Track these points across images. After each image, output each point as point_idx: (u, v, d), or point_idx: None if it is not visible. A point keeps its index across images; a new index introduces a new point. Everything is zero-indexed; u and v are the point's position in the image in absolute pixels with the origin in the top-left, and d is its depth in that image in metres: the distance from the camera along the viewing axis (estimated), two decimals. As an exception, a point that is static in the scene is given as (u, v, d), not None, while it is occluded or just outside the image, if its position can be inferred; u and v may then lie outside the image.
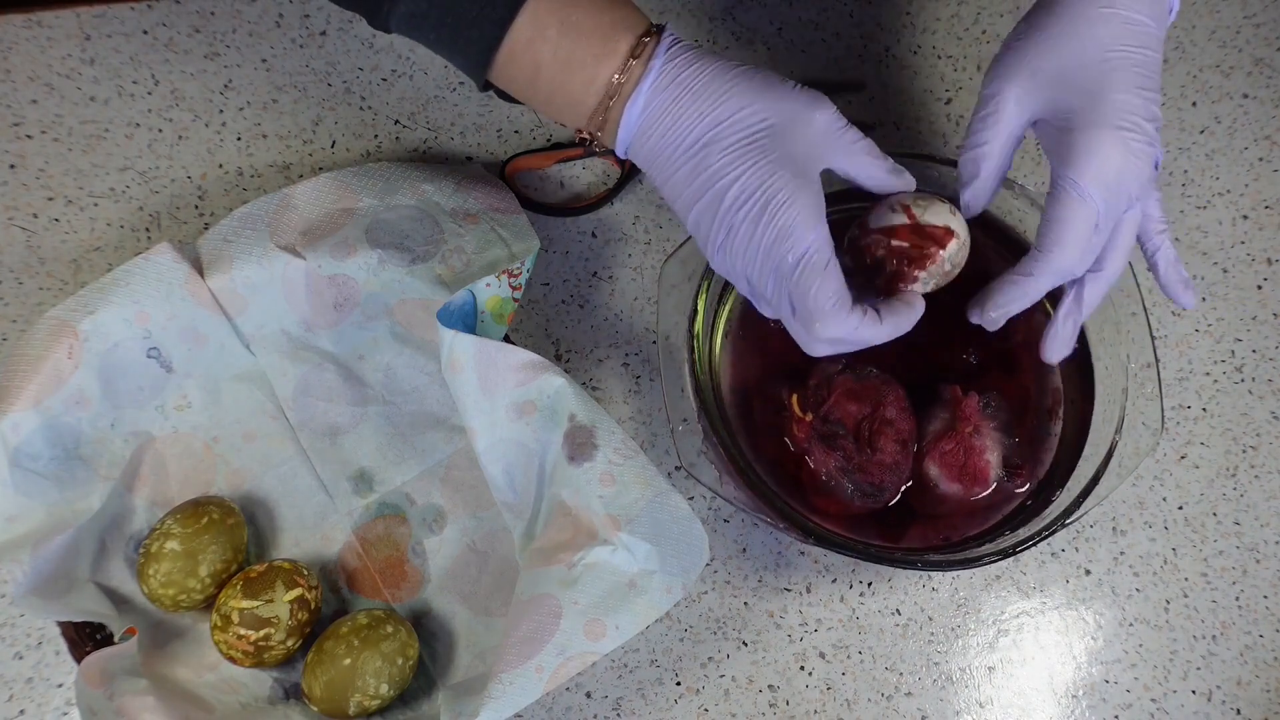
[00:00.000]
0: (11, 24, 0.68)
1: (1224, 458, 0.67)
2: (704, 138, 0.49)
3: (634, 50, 0.50)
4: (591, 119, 0.51)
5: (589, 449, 0.55)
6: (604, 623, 0.52)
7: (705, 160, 0.49)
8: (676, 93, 0.49)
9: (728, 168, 0.49)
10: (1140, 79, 0.51)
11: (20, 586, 0.53)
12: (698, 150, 0.49)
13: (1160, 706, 0.62)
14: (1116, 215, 0.51)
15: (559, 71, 0.50)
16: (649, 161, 0.51)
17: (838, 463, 0.58)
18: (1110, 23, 0.51)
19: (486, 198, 0.65)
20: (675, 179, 0.50)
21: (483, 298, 0.59)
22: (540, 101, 0.52)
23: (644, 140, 0.50)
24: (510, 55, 0.50)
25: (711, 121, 0.49)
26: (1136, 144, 0.50)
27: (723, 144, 0.49)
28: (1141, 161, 0.50)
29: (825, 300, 0.48)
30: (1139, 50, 0.51)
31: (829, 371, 0.60)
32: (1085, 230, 0.50)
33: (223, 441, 0.61)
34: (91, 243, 0.66)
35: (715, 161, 0.49)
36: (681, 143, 0.49)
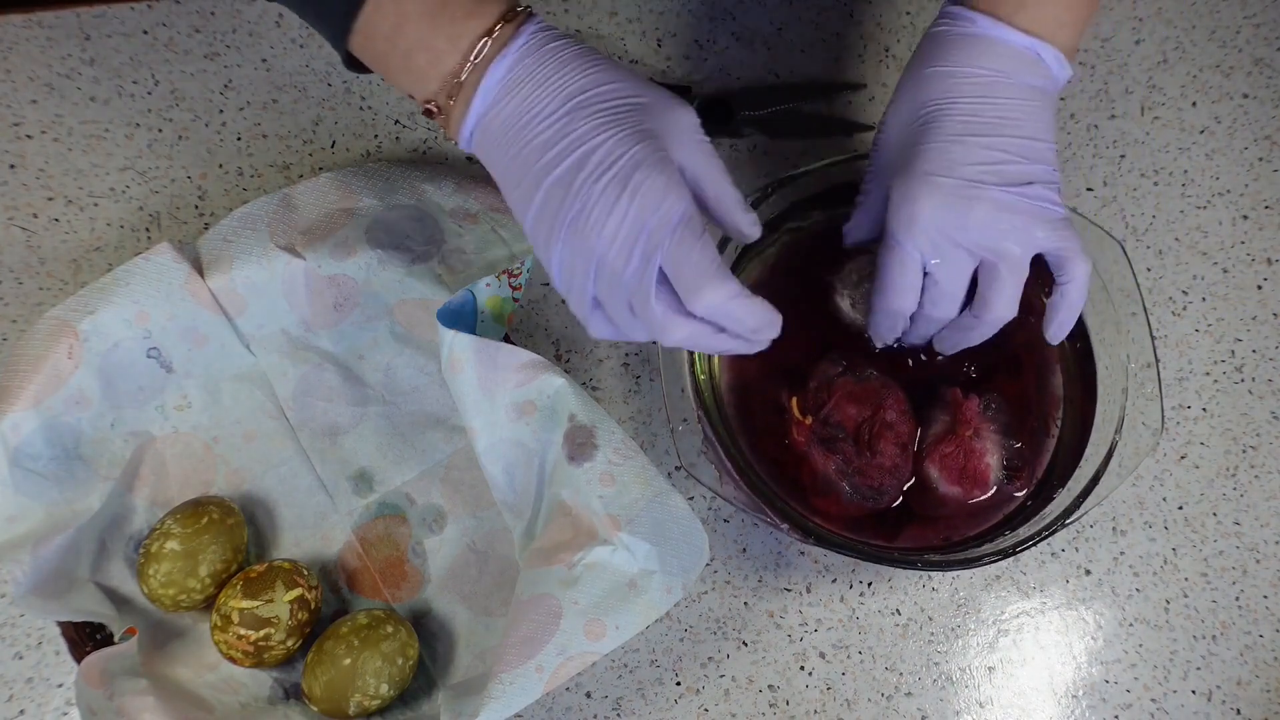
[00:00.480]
0: (11, 24, 0.68)
1: (1224, 458, 0.67)
2: (571, 101, 0.46)
3: (506, 15, 0.48)
4: (447, 82, 0.48)
5: (589, 449, 0.55)
6: (604, 623, 0.52)
7: (569, 125, 0.46)
8: (544, 59, 0.47)
9: (595, 131, 0.46)
10: (961, 126, 0.51)
11: (20, 586, 0.53)
12: (563, 115, 0.46)
13: (1160, 706, 0.62)
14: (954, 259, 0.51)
15: (425, 24, 0.47)
16: (501, 134, 0.47)
17: (837, 465, 0.58)
18: (934, 80, 0.52)
19: (486, 198, 0.65)
20: (527, 151, 0.47)
21: (483, 298, 0.59)
22: (398, 60, 0.48)
23: (501, 107, 0.47)
24: (374, 7, 0.47)
25: (580, 87, 0.47)
26: (949, 188, 0.50)
27: (592, 109, 0.46)
28: (966, 206, 0.50)
29: (709, 263, 0.45)
30: (964, 101, 0.51)
31: (829, 374, 0.60)
32: (901, 275, 0.52)
33: (223, 441, 0.61)
34: (91, 243, 0.66)
35: (580, 125, 0.46)
36: (545, 108, 0.47)
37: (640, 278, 0.45)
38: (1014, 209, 0.51)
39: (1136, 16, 0.76)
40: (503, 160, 0.48)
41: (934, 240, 0.51)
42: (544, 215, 0.47)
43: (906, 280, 0.52)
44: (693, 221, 0.45)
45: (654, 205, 0.45)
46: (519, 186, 0.48)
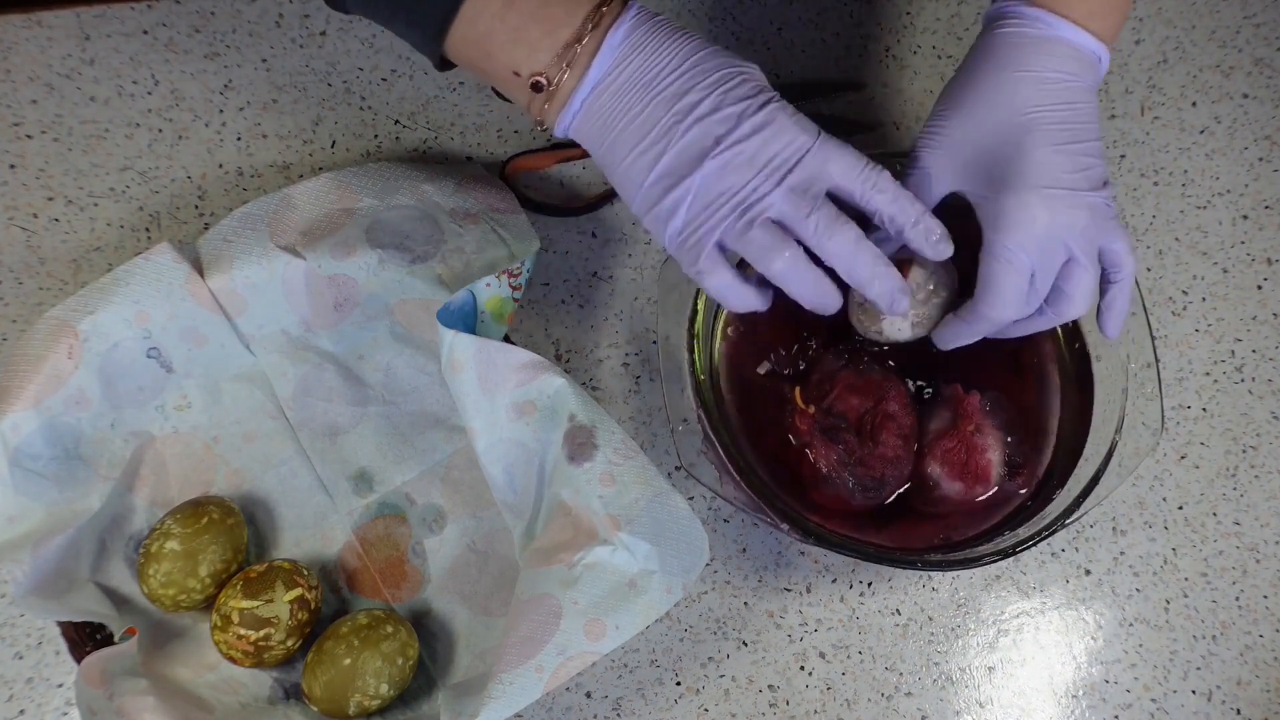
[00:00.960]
0: (11, 24, 0.68)
1: (1224, 458, 0.67)
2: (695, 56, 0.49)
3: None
4: (563, 52, 0.49)
5: (589, 449, 0.55)
6: (604, 623, 0.52)
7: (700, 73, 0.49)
8: (657, 27, 0.50)
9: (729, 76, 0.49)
10: (1061, 135, 0.52)
11: (20, 586, 0.53)
12: (691, 66, 0.49)
13: (1160, 706, 0.62)
14: (1055, 264, 0.52)
15: (528, 15, 0.49)
16: (621, 93, 0.49)
17: (839, 456, 0.58)
18: (1024, 85, 0.52)
19: (486, 198, 0.65)
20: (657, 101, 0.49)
21: (483, 298, 0.59)
22: (504, 36, 0.49)
23: (622, 68, 0.49)
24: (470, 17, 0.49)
25: (695, 47, 0.49)
26: (1061, 200, 0.51)
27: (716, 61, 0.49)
28: (1072, 215, 0.51)
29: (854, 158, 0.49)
30: (1058, 108, 0.52)
31: (831, 366, 0.60)
32: (1014, 287, 0.52)
33: (223, 441, 0.61)
34: (91, 243, 0.66)
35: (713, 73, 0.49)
36: (669, 63, 0.49)
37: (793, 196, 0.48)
38: (1102, 212, 0.52)
39: (1136, 16, 0.76)
40: (619, 124, 0.49)
41: (1043, 249, 0.52)
42: (680, 158, 0.49)
43: (1019, 290, 0.52)
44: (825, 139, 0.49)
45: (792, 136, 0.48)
46: (642, 143, 0.49)
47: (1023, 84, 0.52)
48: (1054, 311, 0.54)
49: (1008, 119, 0.52)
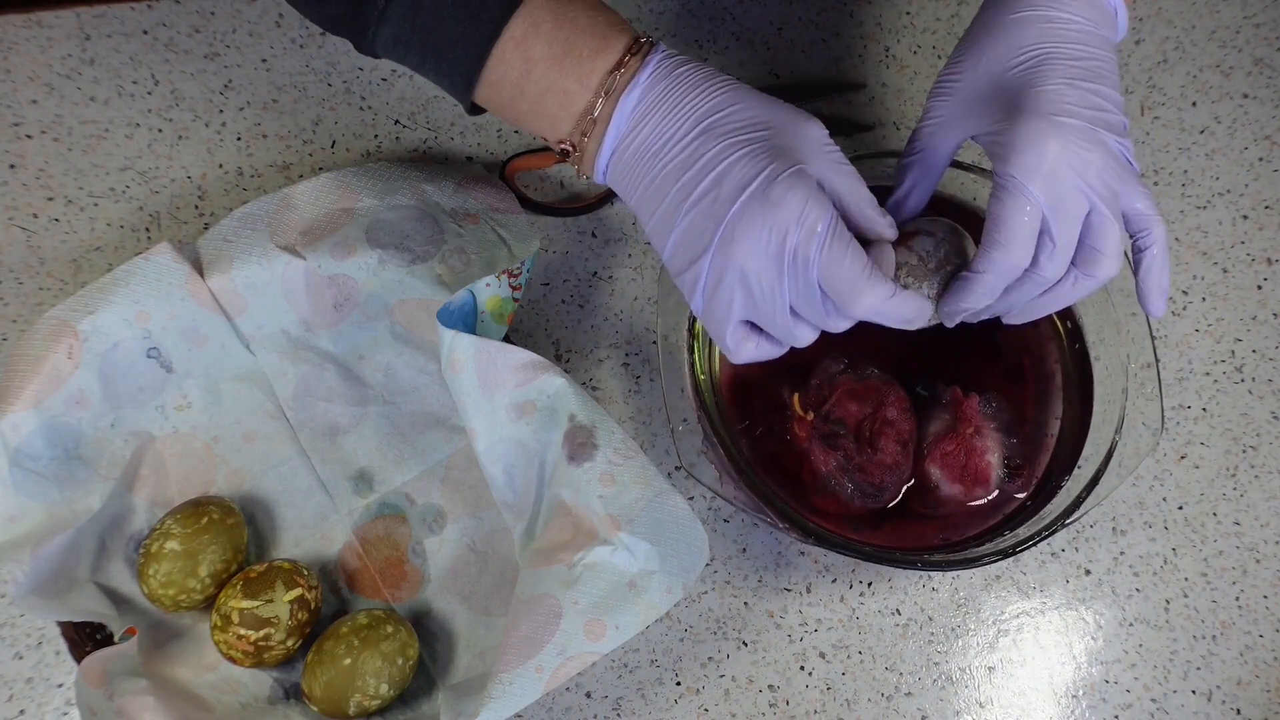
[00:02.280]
0: (11, 24, 0.68)
1: (1224, 458, 0.67)
2: (702, 124, 0.48)
3: (631, 47, 0.49)
4: (580, 120, 0.49)
5: (589, 449, 0.55)
6: (604, 623, 0.52)
7: (702, 147, 0.48)
8: (672, 86, 0.49)
9: (728, 151, 0.47)
10: (1073, 71, 0.49)
11: (20, 586, 0.53)
12: (695, 138, 0.48)
13: (1160, 706, 0.62)
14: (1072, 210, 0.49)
15: (552, 67, 0.49)
16: (634, 162, 0.49)
17: (838, 462, 0.58)
18: (1031, 24, 0.51)
19: (486, 198, 0.65)
20: (662, 176, 0.48)
21: (483, 298, 0.59)
22: (527, 103, 0.50)
23: (634, 136, 0.49)
24: (500, 56, 0.49)
25: (709, 110, 0.48)
26: (1074, 130, 0.48)
27: (722, 129, 0.48)
28: (1089, 152, 0.48)
29: (861, 268, 0.46)
30: (1070, 45, 0.50)
31: (831, 371, 0.60)
32: (1025, 225, 0.48)
33: (223, 441, 0.61)
34: (91, 243, 0.66)
35: (713, 147, 0.47)
36: (676, 132, 0.48)
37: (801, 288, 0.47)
38: (1121, 161, 0.49)
39: (1137, 16, 0.76)
40: (639, 188, 0.49)
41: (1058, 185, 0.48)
42: (688, 239, 0.48)
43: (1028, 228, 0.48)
44: (839, 229, 0.46)
45: (797, 217, 0.46)
46: (657, 212, 0.49)
47: (1030, 23, 0.50)
48: (1085, 272, 0.50)
49: (1019, 56, 0.50)
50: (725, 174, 0.47)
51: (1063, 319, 0.64)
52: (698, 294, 0.49)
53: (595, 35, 0.49)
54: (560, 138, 0.50)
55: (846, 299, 0.47)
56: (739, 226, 0.47)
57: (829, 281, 0.47)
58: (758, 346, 0.50)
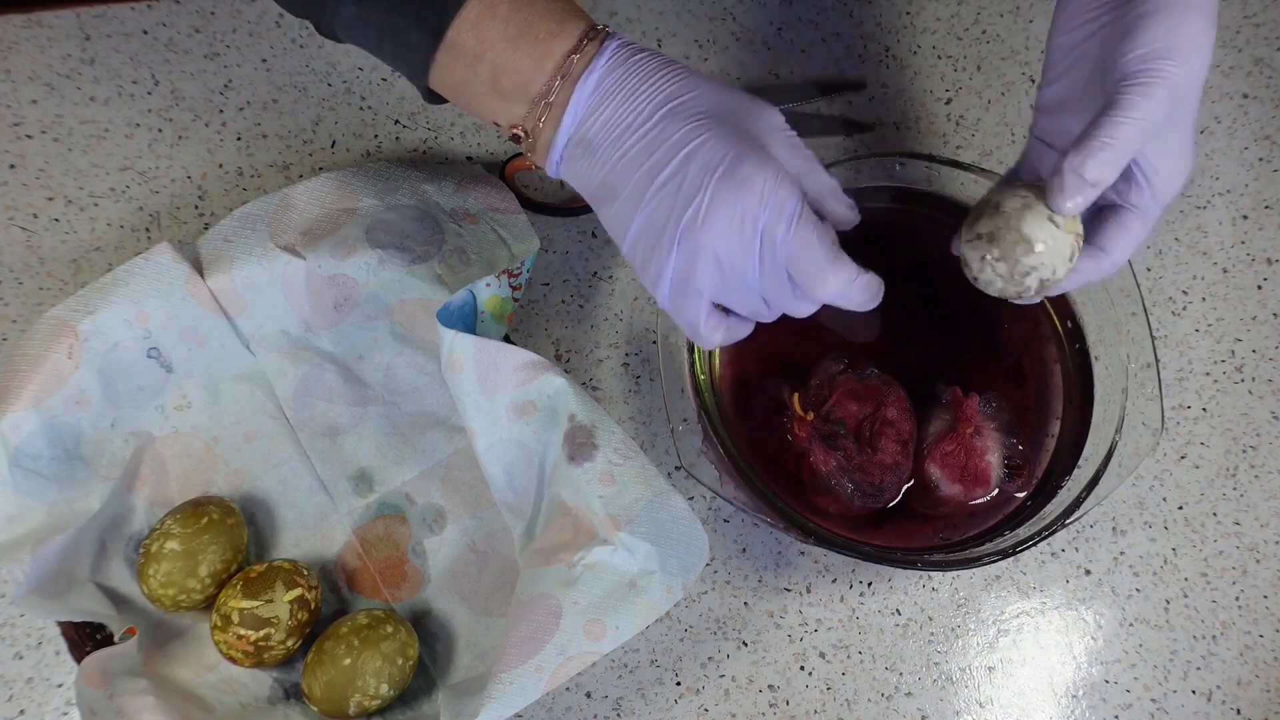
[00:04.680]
0: (11, 24, 0.68)
1: (1224, 458, 0.67)
2: (664, 109, 0.47)
3: (588, 33, 0.48)
4: (535, 104, 0.48)
5: (589, 449, 0.55)
6: (604, 623, 0.52)
7: (666, 130, 0.47)
8: (630, 71, 0.47)
9: (694, 134, 0.46)
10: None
11: (20, 586, 0.53)
12: (658, 122, 0.47)
13: (1160, 706, 0.62)
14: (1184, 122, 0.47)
15: (507, 49, 0.47)
16: (593, 149, 0.48)
17: (838, 462, 0.58)
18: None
19: (486, 198, 0.65)
20: (625, 161, 0.47)
21: (483, 298, 0.59)
22: (482, 85, 0.49)
23: (592, 122, 0.48)
24: (455, 37, 0.48)
25: (669, 95, 0.47)
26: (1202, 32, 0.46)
27: (685, 113, 0.47)
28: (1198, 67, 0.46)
29: (828, 250, 0.46)
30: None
31: (831, 371, 0.60)
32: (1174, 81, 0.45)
33: (223, 441, 0.61)
34: (91, 243, 0.66)
35: (678, 130, 0.46)
36: (638, 117, 0.47)
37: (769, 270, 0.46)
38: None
39: (1136, 16, 0.76)
40: (597, 175, 0.48)
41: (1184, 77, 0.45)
42: (653, 223, 0.47)
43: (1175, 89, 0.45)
44: (805, 211, 0.46)
45: (767, 198, 0.45)
46: (618, 199, 0.48)
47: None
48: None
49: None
50: (692, 156, 0.46)
51: (1063, 319, 0.64)
52: (664, 281, 0.48)
53: (552, 19, 0.48)
54: (514, 122, 0.49)
55: (812, 281, 0.47)
56: (708, 208, 0.46)
57: (796, 263, 0.46)
58: (729, 329, 0.50)
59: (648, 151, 0.47)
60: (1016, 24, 0.76)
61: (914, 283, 0.65)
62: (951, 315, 0.64)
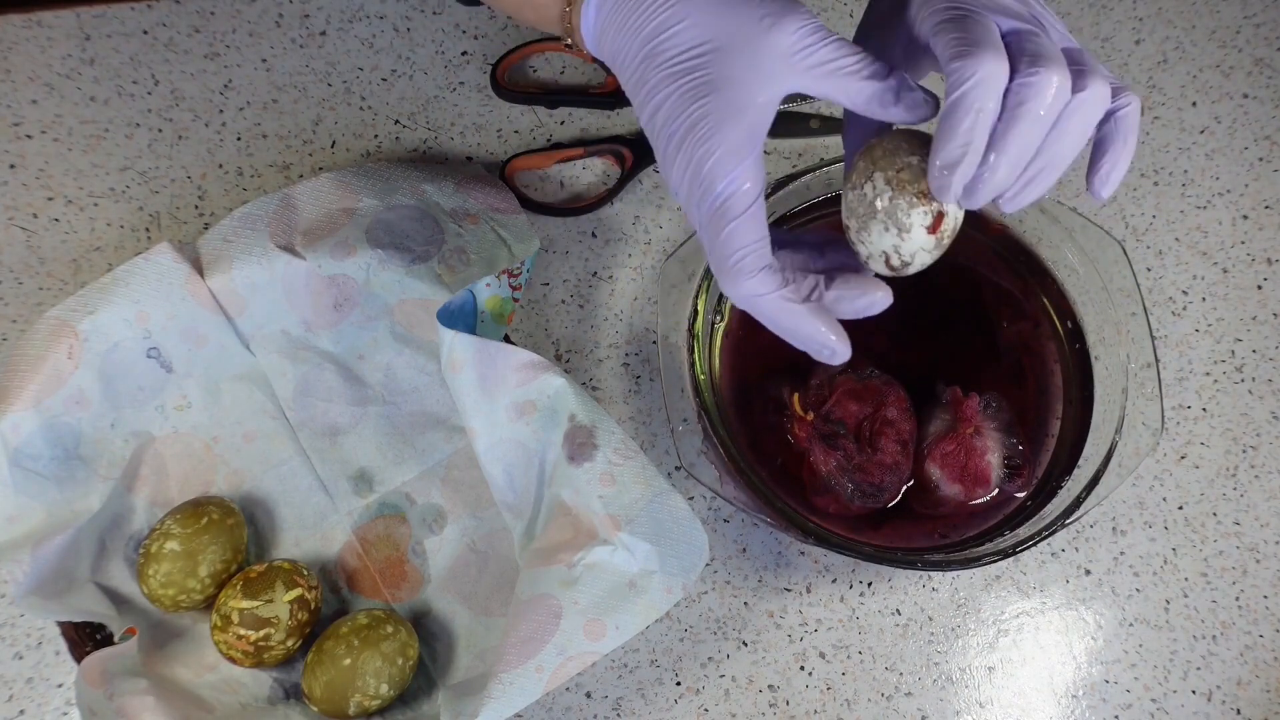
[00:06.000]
0: (11, 24, 0.68)
1: (1224, 458, 0.67)
2: (645, 49, 0.44)
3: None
4: (561, 20, 0.48)
5: (589, 449, 0.55)
6: (604, 623, 0.52)
7: (644, 75, 0.44)
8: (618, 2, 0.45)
9: (660, 86, 0.44)
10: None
11: (20, 586, 0.53)
12: (640, 63, 0.44)
13: (1160, 706, 0.62)
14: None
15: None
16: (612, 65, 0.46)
17: (838, 462, 0.58)
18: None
19: (486, 198, 0.65)
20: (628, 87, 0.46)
21: (483, 298, 0.59)
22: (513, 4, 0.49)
23: (603, 44, 0.46)
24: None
25: (653, 31, 0.44)
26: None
27: (659, 59, 0.44)
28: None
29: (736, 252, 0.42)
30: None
31: (831, 371, 0.60)
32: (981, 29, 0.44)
33: (223, 441, 0.61)
34: (91, 243, 0.66)
35: (652, 77, 0.44)
36: (628, 51, 0.45)
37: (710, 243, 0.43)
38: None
39: (1136, 16, 0.76)
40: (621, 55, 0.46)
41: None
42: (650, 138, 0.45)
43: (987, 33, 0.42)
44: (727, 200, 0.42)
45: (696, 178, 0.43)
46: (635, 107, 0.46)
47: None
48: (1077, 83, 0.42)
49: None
50: (656, 111, 0.44)
51: (1063, 319, 0.64)
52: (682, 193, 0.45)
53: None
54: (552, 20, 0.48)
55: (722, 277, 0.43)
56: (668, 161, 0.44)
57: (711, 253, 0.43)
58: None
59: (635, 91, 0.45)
60: (1016, 24, 0.76)
61: (914, 282, 0.65)
62: (951, 315, 0.64)
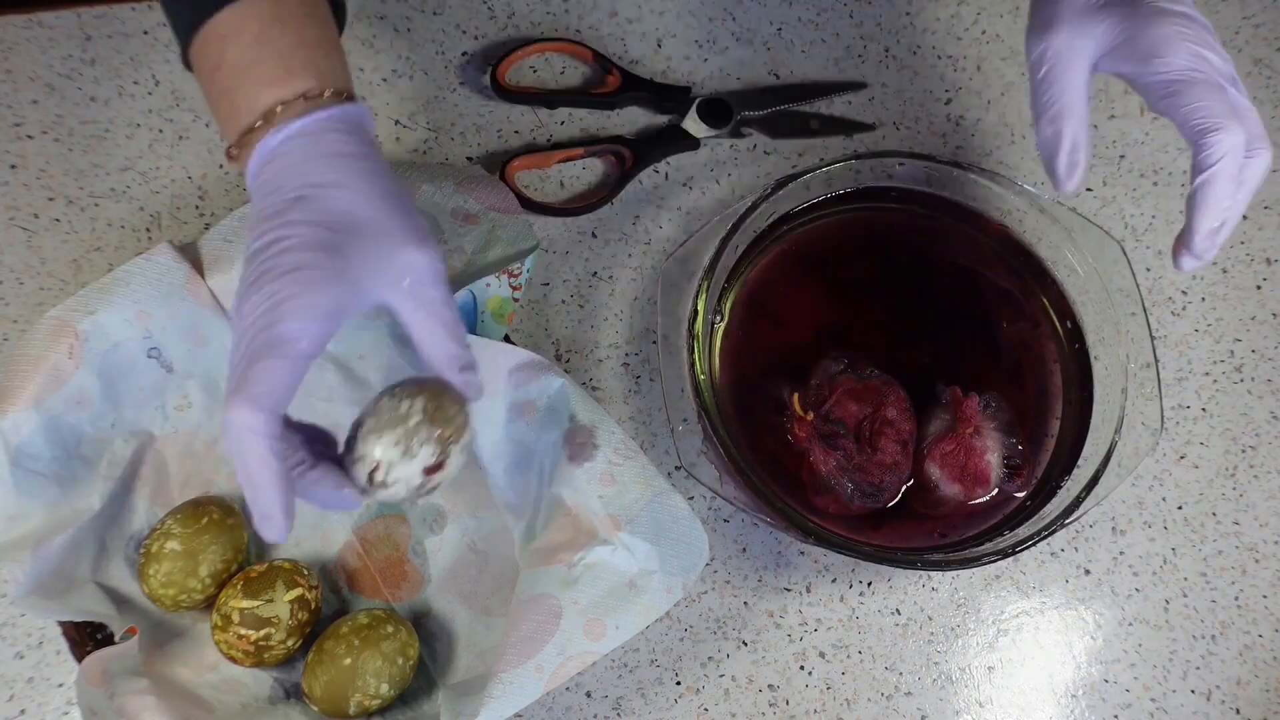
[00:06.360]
0: (12, 24, 0.68)
1: (1223, 458, 0.67)
2: (307, 189, 0.45)
3: (309, 93, 0.47)
4: (240, 135, 0.47)
5: (589, 449, 0.55)
6: (604, 622, 0.52)
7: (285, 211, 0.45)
8: (309, 144, 0.46)
9: (295, 223, 0.44)
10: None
11: (21, 586, 0.53)
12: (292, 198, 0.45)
13: (1160, 706, 0.62)
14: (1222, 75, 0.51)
15: (231, 76, 0.47)
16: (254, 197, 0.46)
17: (838, 462, 0.58)
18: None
19: (487, 198, 0.65)
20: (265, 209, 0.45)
21: (482, 298, 0.59)
22: (212, 95, 0.48)
23: (266, 169, 0.46)
24: (205, 42, 0.47)
25: (321, 180, 0.45)
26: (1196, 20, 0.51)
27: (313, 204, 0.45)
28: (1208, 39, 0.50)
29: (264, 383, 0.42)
30: None
31: (831, 371, 0.60)
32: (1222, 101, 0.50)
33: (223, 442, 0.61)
34: (92, 243, 0.66)
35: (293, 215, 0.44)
36: (287, 184, 0.45)
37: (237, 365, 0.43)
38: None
39: (1136, 17, 0.76)
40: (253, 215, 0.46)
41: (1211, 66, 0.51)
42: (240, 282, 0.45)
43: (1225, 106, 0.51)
44: (284, 344, 0.42)
45: (267, 310, 0.43)
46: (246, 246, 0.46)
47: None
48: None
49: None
50: (278, 239, 0.44)
51: (1062, 319, 0.64)
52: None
53: (282, 66, 0.47)
54: (227, 140, 0.48)
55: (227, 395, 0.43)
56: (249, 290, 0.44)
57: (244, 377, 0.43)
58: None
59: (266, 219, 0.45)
60: (1016, 24, 0.76)
61: (914, 283, 0.66)
62: (951, 315, 0.64)
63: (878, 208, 0.66)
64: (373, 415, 0.46)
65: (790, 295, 0.64)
